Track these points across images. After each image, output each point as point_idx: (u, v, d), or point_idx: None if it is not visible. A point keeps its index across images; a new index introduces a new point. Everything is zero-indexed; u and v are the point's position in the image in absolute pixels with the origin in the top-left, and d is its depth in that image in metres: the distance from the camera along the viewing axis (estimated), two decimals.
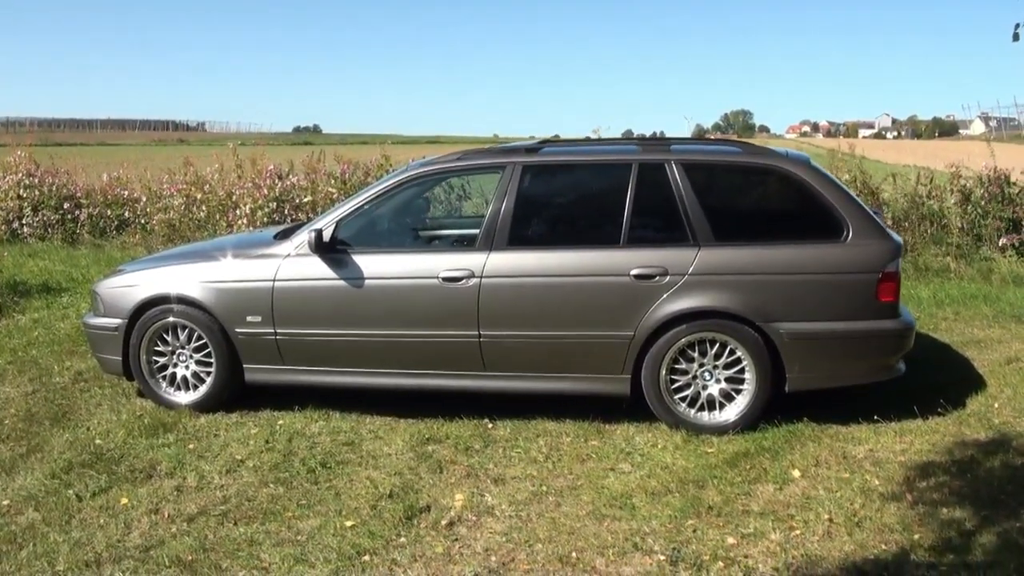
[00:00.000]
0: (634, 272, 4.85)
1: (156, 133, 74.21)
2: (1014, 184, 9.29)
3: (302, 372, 5.27)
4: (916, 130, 64.40)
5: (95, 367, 6.29)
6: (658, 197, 4.97)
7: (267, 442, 4.90)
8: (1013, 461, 4.44)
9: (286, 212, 10.17)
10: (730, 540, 3.74)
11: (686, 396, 4.96)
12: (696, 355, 4.91)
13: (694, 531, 3.82)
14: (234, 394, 5.41)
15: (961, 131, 63.34)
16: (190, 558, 3.62)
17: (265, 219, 10.07)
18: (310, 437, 4.97)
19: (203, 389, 5.38)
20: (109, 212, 11.33)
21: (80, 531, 3.88)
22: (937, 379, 5.69)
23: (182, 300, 5.31)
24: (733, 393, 4.93)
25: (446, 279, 4.98)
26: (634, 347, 4.89)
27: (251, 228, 10.04)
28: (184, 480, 4.42)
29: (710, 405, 4.96)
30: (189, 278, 5.33)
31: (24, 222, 11.63)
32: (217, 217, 10.49)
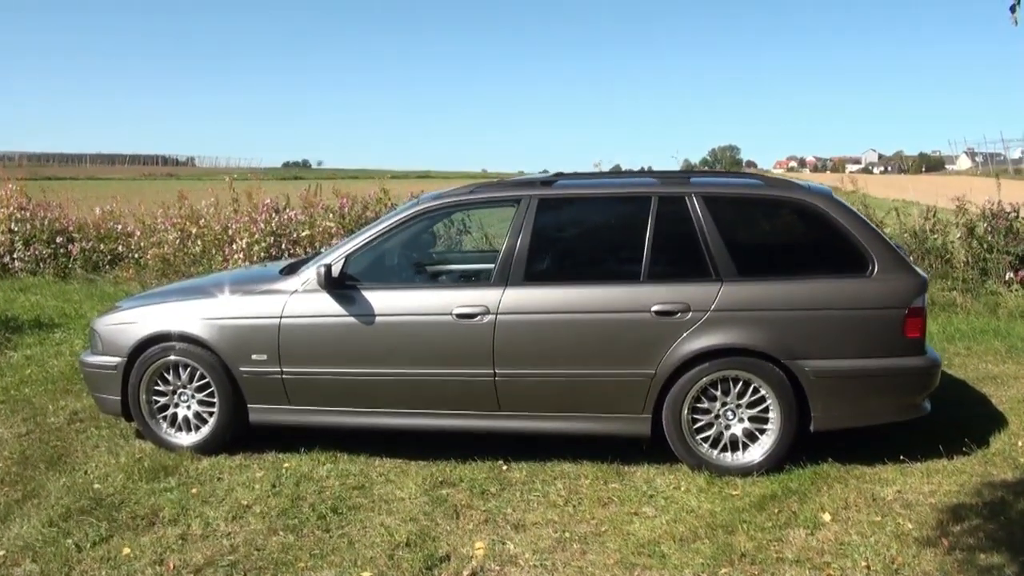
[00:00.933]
0: (655, 308, 4.71)
1: (145, 167, 73.98)
2: (1021, 220, 9.23)
3: (309, 412, 5.08)
4: (903, 165, 65.01)
5: (91, 407, 6.08)
6: (679, 231, 4.84)
7: (274, 486, 4.70)
8: None
9: (283, 247, 10.01)
10: None
11: (708, 436, 4.80)
12: (719, 394, 4.76)
13: None
14: (237, 435, 5.21)
15: (947, 166, 63.95)
16: None
17: (263, 254, 9.90)
18: (318, 481, 4.78)
19: (205, 430, 5.19)
20: (102, 246, 11.13)
21: None
22: (957, 416, 5.56)
23: (184, 338, 5.13)
24: (757, 433, 4.77)
25: (460, 315, 4.82)
26: (655, 386, 4.74)
27: (248, 263, 9.87)
28: (188, 528, 4.21)
29: (733, 445, 4.80)
30: (191, 315, 5.15)
31: (15, 256, 11.42)
32: (213, 252, 10.30)
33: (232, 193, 10.56)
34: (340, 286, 4.95)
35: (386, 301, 4.94)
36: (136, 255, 10.82)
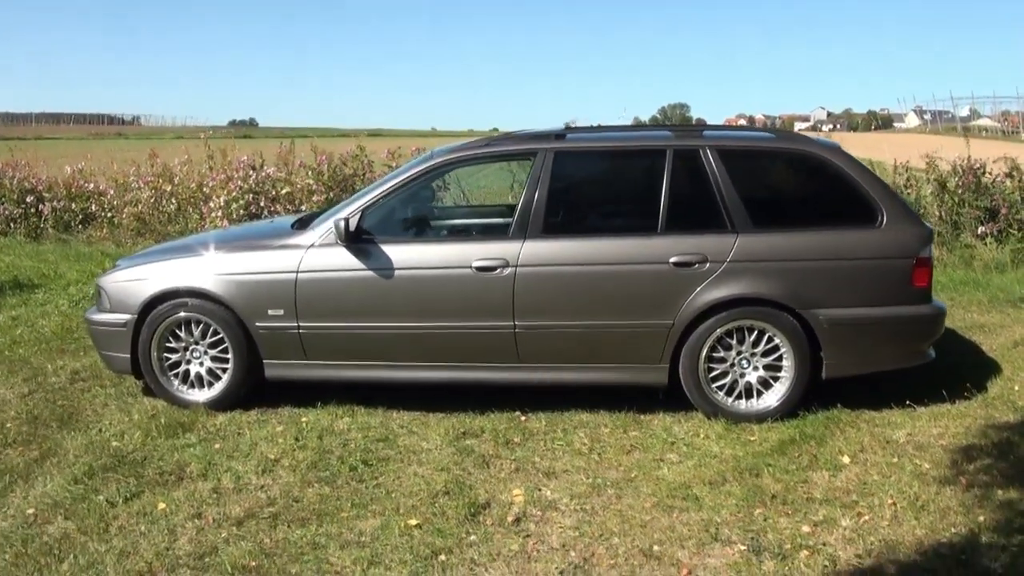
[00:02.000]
0: (673, 260, 4.77)
1: (92, 127, 71.78)
2: (988, 174, 9.49)
3: (326, 367, 5.07)
4: (852, 123, 66.01)
5: (91, 365, 6.00)
6: (694, 184, 4.90)
7: (297, 440, 4.70)
8: None
9: (262, 204, 9.87)
10: (804, 528, 3.69)
11: (723, 385, 4.91)
12: (734, 343, 4.86)
13: (765, 520, 3.77)
14: (250, 391, 5.19)
15: (896, 124, 65.12)
16: (253, 564, 3.43)
17: (241, 211, 9.76)
18: (340, 434, 4.79)
19: (220, 386, 5.15)
20: (73, 206, 10.84)
21: (122, 539, 3.65)
22: (952, 363, 5.74)
23: (197, 294, 5.07)
24: (771, 380, 4.89)
25: (480, 268, 4.84)
26: (673, 336, 4.82)
27: (226, 221, 9.72)
28: (219, 482, 4.20)
29: (747, 393, 4.92)
30: (204, 271, 5.09)
31: None
32: (189, 210, 10.12)
33: (207, 151, 10.35)
34: (358, 240, 4.92)
35: (405, 255, 4.93)
36: (109, 214, 10.58)
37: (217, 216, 9.75)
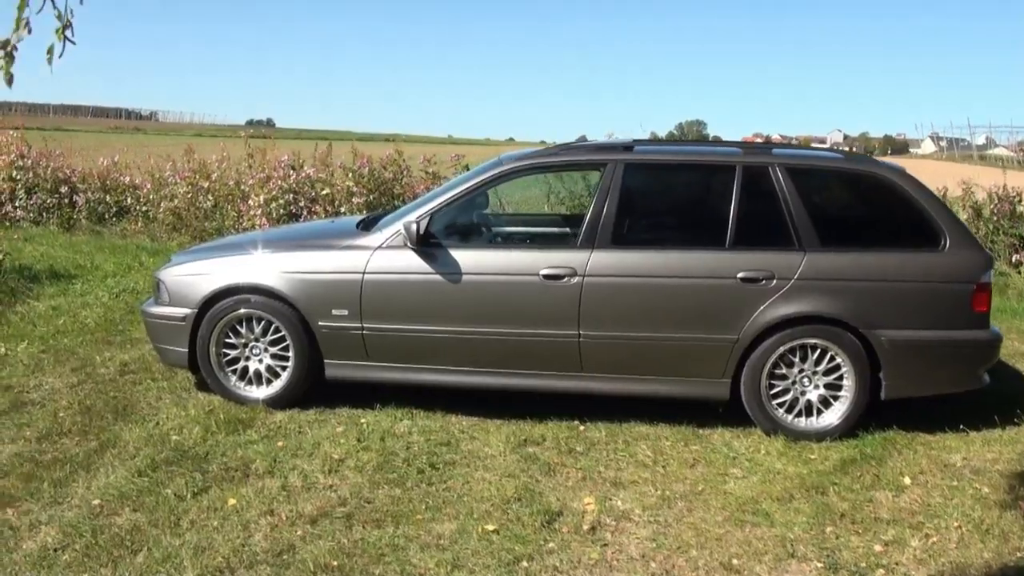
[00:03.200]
0: (741, 275, 4.79)
1: (110, 120, 72.00)
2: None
3: (388, 369, 5.08)
4: (868, 147, 66.03)
5: (140, 358, 6.02)
6: (763, 200, 4.92)
7: (359, 441, 4.70)
8: None
9: (302, 204, 9.89)
10: (876, 547, 3.70)
11: (784, 402, 4.92)
12: (796, 360, 4.87)
13: (837, 538, 3.78)
14: (309, 390, 5.20)
15: (912, 150, 65.20)
16: (334, 563, 3.43)
17: (280, 211, 9.78)
18: (402, 437, 4.79)
19: (279, 384, 5.16)
20: (107, 198, 10.86)
21: (195, 534, 3.64)
22: (999, 390, 5.73)
23: (260, 290, 5.08)
24: (831, 399, 4.90)
25: (547, 276, 4.85)
26: (737, 351, 4.83)
27: (265, 220, 9.75)
28: (287, 480, 4.20)
29: (807, 411, 4.93)
30: (268, 268, 5.10)
31: (17, 204, 11.10)
32: (227, 208, 10.15)
33: (248, 149, 10.38)
34: (426, 243, 4.94)
35: (472, 260, 4.95)
36: (144, 208, 10.60)
37: (256, 215, 9.77)
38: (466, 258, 4.95)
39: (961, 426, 5.05)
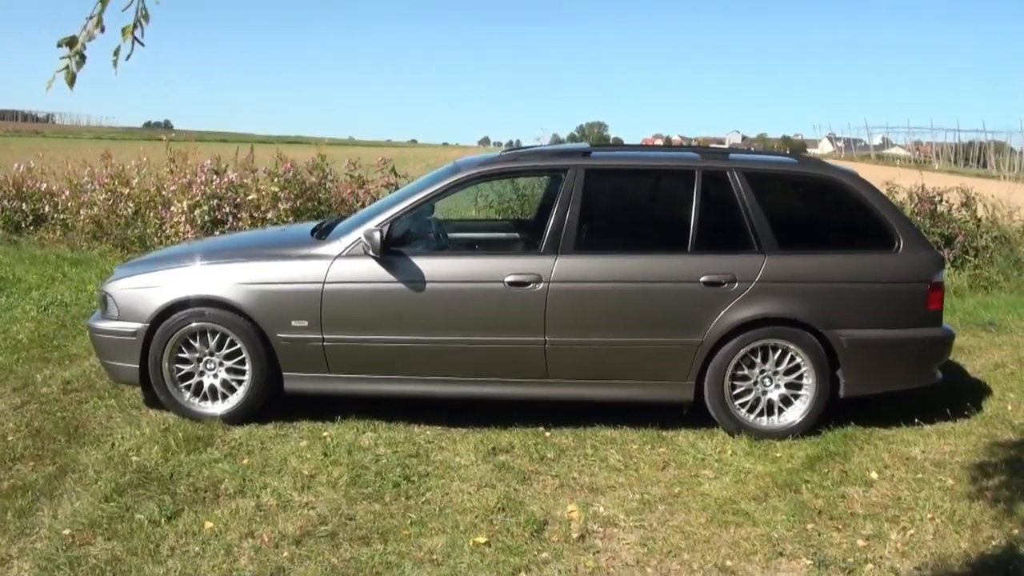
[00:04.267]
0: (704, 279, 4.86)
1: (8, 123, 68.29)
2: (944, 202, 9.96)
3: (349, 380, 4.97)
4: (766, 148, 68.07)
5: (81, 375, 5.74)
6: (723, 205, 5.00)
7: (326, 455, 4.58)
8: None
9: (227, 211, 9.60)
10: (859, 542, 3.81)
11: (746, 402, 5.02)
12: (758, 361, 4.98)
13: (820, 535, 3.87)
14: (265, 404, 5.05)
15: (810, 150, 67.53)
16: None
17: (205, 217, 9.47)
18: (368, 449, 4.69)
19: (236, 399, 4.99)
20: (24, 206, 10.30)
21: (177, 561, 3.49)
22: (944, 384, 5.96)
23: (215, 303, 4.90)
24: (791, 398, 5.02)
25: (512, 283, 4.83)
26: (701, 353, 4.91)
27: (188, 227, 9.44)
28: (260, 499, 4.06)
29: (768, 410, 5.04)
30: (222, 279, 4.93)
31: None
32: (149, 215, 9.78)
33: (169, 153, 10.01)
34: (387, 251, 4.85)
35: (436, 267, 4.89)
36: (62, 216, 10.11)
37: (180, 221, 9.44)
38: (429, 266, 4.88)
39: (916, 420, 5.24)
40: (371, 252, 4.80)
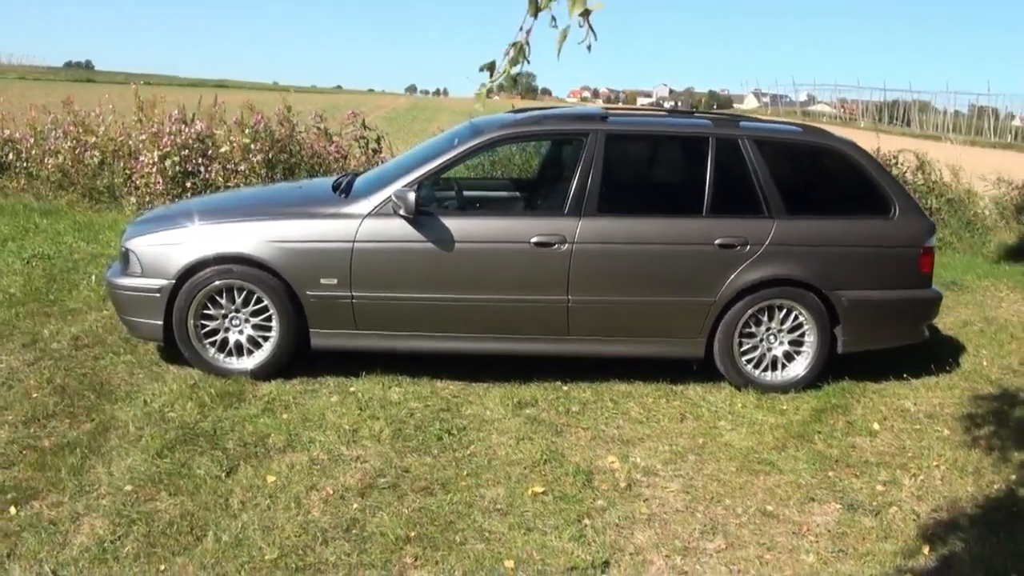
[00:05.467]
0: (718, 241, 5.10)
1: None
2: (899, 166, 10.42)
3: (376, 336, 5.09)
4: (693, 102, 69.05)
5: (90, 330, 5.70)
6: (734, 170, 5.23)
7: (361, 410, 4.71)
8: None
9: (199, 162, 9.44)
10: (878, 488, 4.15)
11: (752, 358, 5.31)
12: (764, 319, 5.27)
13: (841, 481, 4.20)
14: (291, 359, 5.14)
15: (736, 105, 68.84)
16: (412, 534, 3.50)
17: (176, 168, 9.30)
18: (399, 404, 4.83)
19: (262, 355, 5.06)
20: None
21: (251, 515, 3.59)
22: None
23: (243, 260, 4.94)
24: (793, 354, 5.33)
25: (538, 244, 4.99)
26: (713, 312, 5.17)
27: (158, 178, 9.26)
28: (311, 453, 4.18)
29: (772, 366, 5.34)
30: (251, 237, 4.96)
31: None
32: (119, 165, 9.55)
33: (137, 102, 9.74)
34: (418, 212, 4.95)
35: (464, 227, 5.00)
36: (26, 165, 9.78)
37: (151, 172, 9.25)
38: (458, 226, 5.00)
39: (904, 375, 5.63)
40: (402, 212, 4.89)
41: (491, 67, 2.16)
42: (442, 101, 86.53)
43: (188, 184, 9.38)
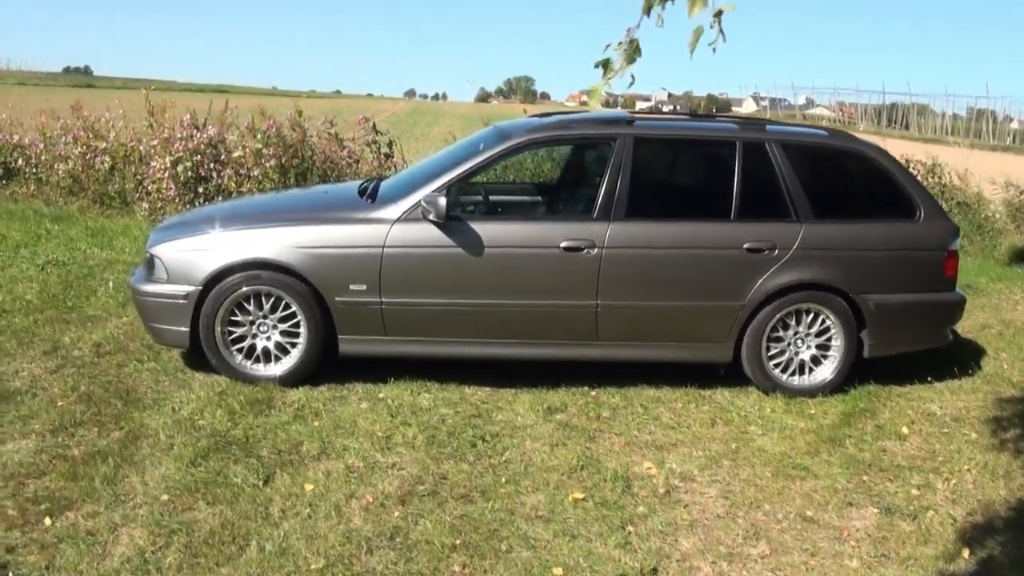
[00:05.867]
0: (747, 245, 5.10)
1: None
2: (912, 169, 10.42)
3: (405, 342, 5.07)
4: (692, 105, 69.04)
5: (110, 337, 5.67)
6: (762, 175, 5.23)
7: (392, 416, 4.70)
8: None
9: (211, 167, 9.41)
10: (913, 492, 4.15)
11: (780, 363, 5.31)
12: (792, 324, 5.26)
13: (876, 485, 4.20)
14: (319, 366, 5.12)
15: (735, 108, 68.89)
16: (457, 542, 3.48)
17: (189, 174, 9.27)
18: (430, 410, 4.82)
19: (291, 361, 5.04)
20: None
21: (292, 522, 3.57)
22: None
23: (271, 266, 4.92)
24: (821, 358, 5.33)
25: (568, 248, 4.98)
26: (742, 316, 5.16)
27: (170, 184, 9.24)
28: (346, 461, 4.16)
29: (800, 370, 5.34)
30: (279, 243, 4.94)
31: None
32: (127, 170, 9.51)
33: (148, 106, 9.71)
34: (448, 216, 4.94)
35: (494, 232, 4.99)
36: (35, 170, 9.74)
37: (163, 178, 9.22)
38: (487, 231, 4.99)
39: (928, 379, 5.63)
40: (433, 217, 4.87)
41: (605, 64, 2.13)
42: (442, 105, 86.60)
43: (200, 189, 9.35)
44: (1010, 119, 41.52)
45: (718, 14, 2.03)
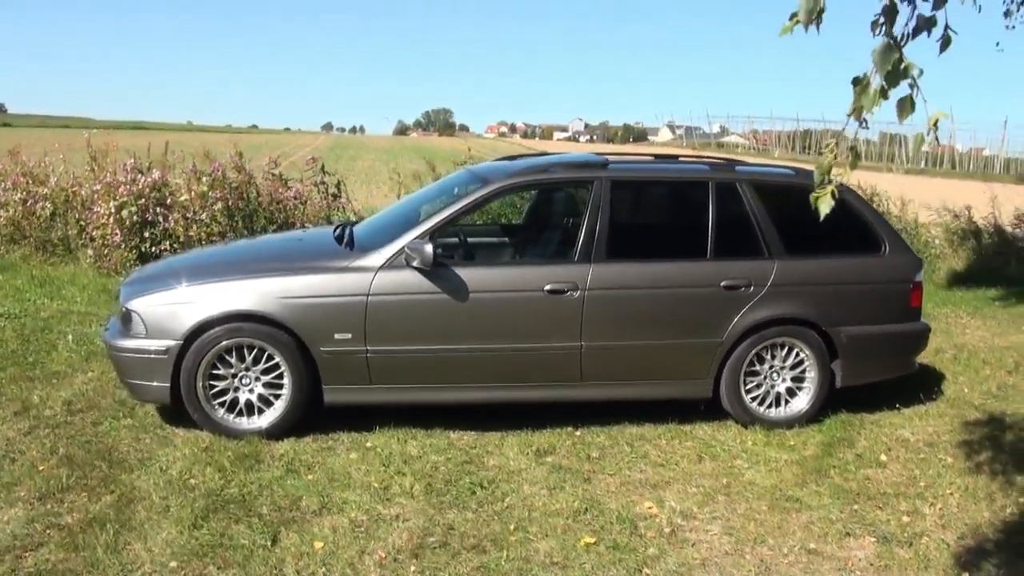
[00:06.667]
0: (724, 283, 5.24)
1: None
2: None
3: (391, 390, 5.05)
4: (608, 135, 70.30)
5: (80, 394, 5.50)
6: (735, 213, 5.39)
7: (386, 467, 4.65)
8: (1021, 435, 5.44)
9: (157, 212, 9.20)
10: (904, 519, 4.30)
11: (757, 396, 5.45)
12: (768, 358, 5.41)
13: (868, 514, 4.33)
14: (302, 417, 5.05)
15: (650, 137, 70.41)
16: None
17: (135, 218, 9.04)
18: (421, 458, 4.79)
19: (275, 414, 4.95)
20: None
21: None
22: None
23: (254, 317, 4.85)
24: (795, 390, 5.49)
25: (551, 291, 5.04)
26: (720, 352, 5.29)
27: (116, 229, 8.99)
28: (349, 515, 4.10)
29: (776, 402, 5.49)
30: (261, 293, 4.87)
31: None
32: (76, 216, 9.23)
33: (90, 150, 9.46)
34: (435, 263, 4.94)
35: (478, 277, 5.02)
36: None
37: (107, 223, 8.98)
38: (472, 276, 5.02)
39: (897, 405, 5.85)
40: (418, 264, 4.87)
41: (862, 83, 2.15)
42: (361, 139, 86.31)
43: (146, 234, 9.12)
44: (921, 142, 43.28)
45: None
